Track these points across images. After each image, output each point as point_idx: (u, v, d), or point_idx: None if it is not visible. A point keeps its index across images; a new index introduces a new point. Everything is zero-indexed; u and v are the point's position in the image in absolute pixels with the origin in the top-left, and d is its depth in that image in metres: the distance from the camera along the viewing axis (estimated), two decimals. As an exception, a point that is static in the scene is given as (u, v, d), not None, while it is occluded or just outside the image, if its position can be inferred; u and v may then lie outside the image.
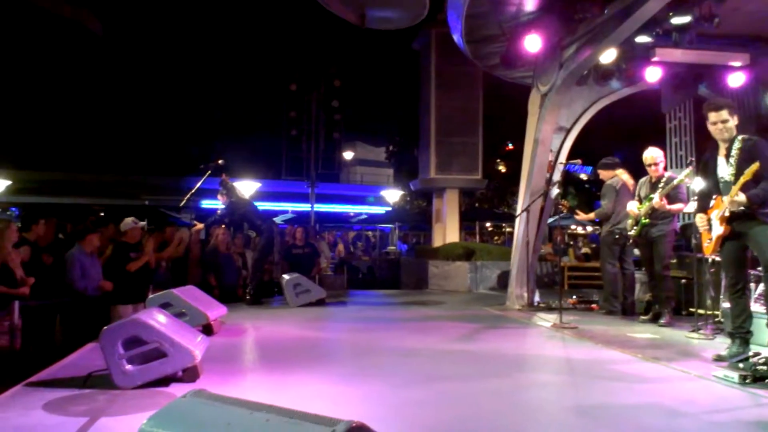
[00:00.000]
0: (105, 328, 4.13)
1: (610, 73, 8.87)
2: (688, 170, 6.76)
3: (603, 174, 8.08)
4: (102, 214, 9.54)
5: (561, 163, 8.79)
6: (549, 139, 8.88)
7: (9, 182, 20.15)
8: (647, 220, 7.00)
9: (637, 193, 7.34)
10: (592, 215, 8.11)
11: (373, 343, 6.20)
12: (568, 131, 9.22)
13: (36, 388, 4.14)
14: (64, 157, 29.57)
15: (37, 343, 6.42)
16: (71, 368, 4.71)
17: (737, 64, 8.51)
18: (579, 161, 9.02)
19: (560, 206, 8.68)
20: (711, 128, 4.96)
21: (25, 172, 24.40)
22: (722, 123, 4.88)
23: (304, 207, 25.50)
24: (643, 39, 8.01)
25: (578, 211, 8.45)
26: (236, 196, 9.60)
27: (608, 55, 8.35)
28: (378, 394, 4.04)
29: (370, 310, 9.27)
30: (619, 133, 21.02)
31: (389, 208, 27.61)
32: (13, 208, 18.78)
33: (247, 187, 18.63)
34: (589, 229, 30.10)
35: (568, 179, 24.33)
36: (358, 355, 5.58)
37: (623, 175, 7.94)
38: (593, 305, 8.61)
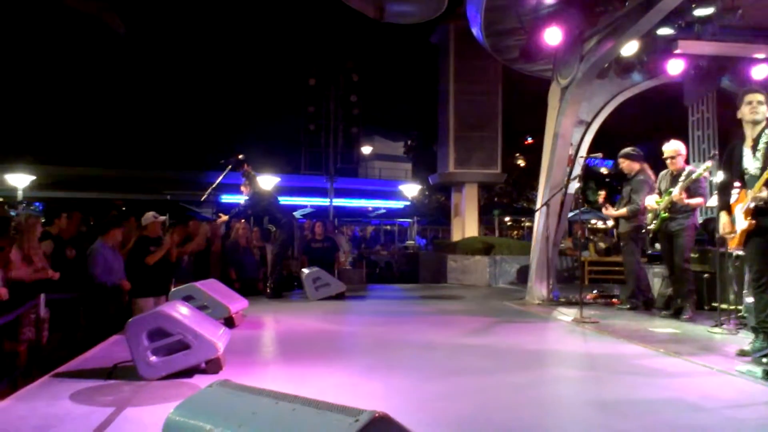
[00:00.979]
0: (130, 320, 4.20)
1: (631, 66, 8.78)
2: (708, 164, 6.68)
3: (627, 165, 7.79)
4: (123, 208, 9.65)
5: (581, 156, 8.72)
6: (569, 132, 8.82)
7: (33, 177, 20.49)
8: (666, 214, 6.94)
9: (657, 187, 7.28)
10: (624, 211, 7.69)
11: (393, 336, 6.23)
12: (589, 125, 9.16)
13: (63, 378, 4.23)
14: (86, 152, 29.97)
15: (61, 335, 6.56)
16: (96, 360, 4.81)
17: (761, 56, 8.38)
18: (600, 154, 8.93)
19: (580, 200, 8.60)
20: (744, 109, 4.86)
21: (49, 167, 24.79)
22: (758, 103, 4.80)
23: (323, 201, 25.61)
24: (665, 31, 7.92)
25: (608, 206, 8.08)
26: (259, 187, 9.70)
27: (630, 48, 8.28)
28: (398, 387, 4.07)
29: (389, 303, 9.31)
30: (640, 127, 20.81)
31: (407, 203, 27.62)
32: (37, 203, 19.08)
33: (266, 181, 18.69)
34: (610, 223, 29.87)
35: (589, 173, 24.09)
36: (378, 349, 5.61)
37: (649, 170, 7.81)
38: (614, 300, 8.56)
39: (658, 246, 7.65)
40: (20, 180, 20.03)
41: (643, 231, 7.53)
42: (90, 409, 3.52)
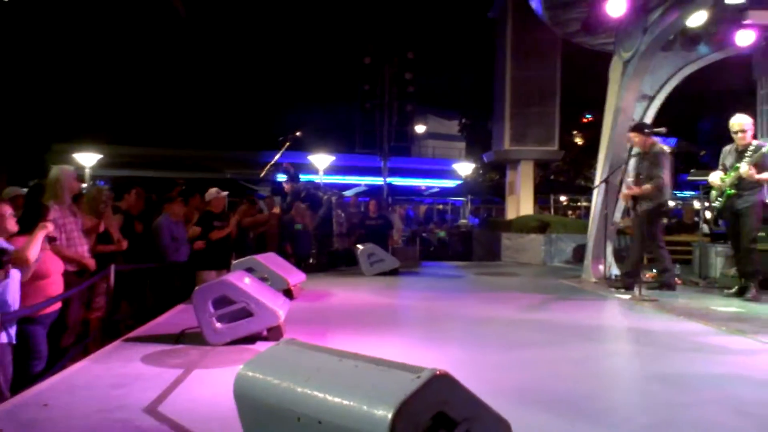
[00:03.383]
0: (197, 288, 4.38)
1: (697, 38, 8.45)
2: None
3: (640, 140, 7.33)
4: (183, 187, 9.96)
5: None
6: (631, 107, 8.60)
7: (100, 156, 21.30)
8: (733, 191, 6.70)
9: (721, 162, 7.03)
10: (648, 187, 7.12)
11: (448, 310, 6.29)
12: (652, 99, 8.89)
13: (134, 343, 4.46)
14: (150, 133, 30.88)
15: (129, 305, 6.87)
16: (164, 326, 5.04)
17: (839, 25, 7.93)
18: (664, 130, 8.61)
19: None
20: None
21: (114, 147, 25.67)
22: None
23: (376, 180, 25.71)
24: (734, 0, 7.58)
25: (631, 187, 7.39)
26: (299, 181, 10.16)
27: (696, 19, 7.95)
28: (455, 357, 4.13)
29: (442, 280, 9.36)
30: (705, 101, 20.02)
31: (461, 182, 27.42)
32: (101, 182, 19.86)
33: (321, 160, 18.94)
34: (671, 203, 28.95)
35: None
36: (433, 322, 5.68)
37: (661, 144, 7.44)
38: (675, 279, 8.35)
39: (722, 224, 7.41)
40: (88, 159, 20.86)
41: (665, 210, 7.24)
42: (161, 370, 3.71)
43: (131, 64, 31.04)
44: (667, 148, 7.45)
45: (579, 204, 30.26)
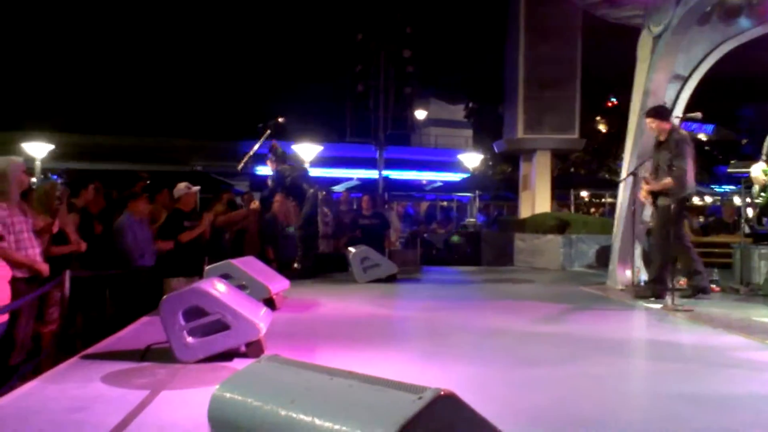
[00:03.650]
0: (165, 297, 4.39)
1: (738, 10, 8.47)
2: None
3: (657, 125, 7.40)
4: (148, 182, 9.93)
5: (677, 117, 8.52)
6: (662, 89, 8.62)
7: (52, 146, 21.24)
8: (779, 186, 6.75)
9: (764, 153, 7.07)
10: (669, 181, 7.14)
11: (453, 322, 6.31)
12: (686, 80, 8.91)
13: (93, 360, 4.47)
14: (111, 119, 30.81)
15: (86, 316, 6.87)
16: (128, 341, 5.05)
17: None
18: (699, 115, 8.63)
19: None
20: None
21: (70, 135, 25.66)
22: None
23: (371, 173, 25.76)
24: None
25: (649, 180, 7.42)
26: (286, 162, 10.06)
27: (737, -13, 8.00)
28: (461, 375, 4.15)
29: (447, 287, 9.39)
30: (748, 84, 20.12)
31: (467, 175, 27.46)
32: (54, 176, 19.83)
33: (306, 151, 18.92)
34: (708, 199, 29.12)
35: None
36: (436, 335, 5.70)
37: (681, 130, 7.45)
38: (712, 286, 8.39)
39: (766, 222, 7.46)
40: (38, 149, 20.77)
41: (688, 203, 7.25)
42: (124, 391, 3.72)
43: (86, 40, 30.95)
44: (703, 136, 7.49)
45: (603, 200, 30.38)
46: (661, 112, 7.53)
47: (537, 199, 16.17)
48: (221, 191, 11.03)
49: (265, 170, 18.00)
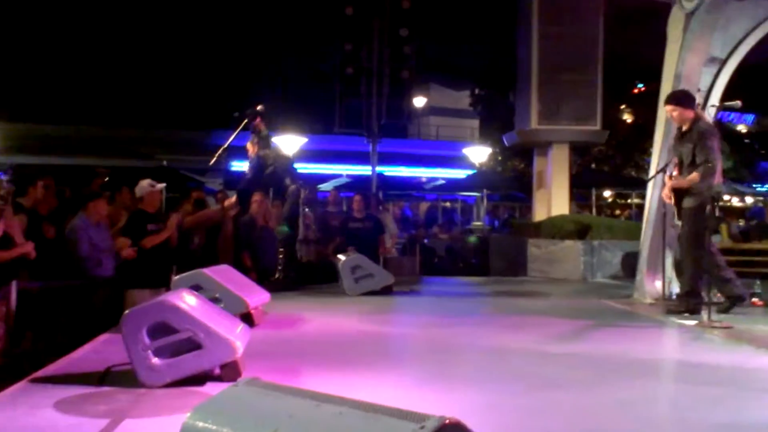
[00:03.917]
0: (127, 312, 4.38)
1: (784, -18, 8.54)
2: None
3: (679, 114, 7.40)
4: (107, 179, 9.95)
5: (712, 106, 8.56)
6: (696, 74, 8.66)
7: (-5, 138, 21.19)
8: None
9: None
10: (696, 176, 7.13)
11: (456, 340, 6.33)
12: (723, 64, 8.94)
13: (44, 384, 4.45)
14: (63, 107, 30.68)
15: (39, 333, 6.86)
16: (84, 362, 5.04)
17: None
18: (738, 103, 8.68)
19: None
20: None
21: (15, 125, 25.53)
22: None
23: (362, 169, 25.78)
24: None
25: (675, 174, 7.43)
26: (270, 149, 9.92)
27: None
28: (466, 401, 4.16)
29: (450, 301, 9.42)
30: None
31: (473, 171, 27.50)
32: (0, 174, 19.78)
33: (289, 143, 18.94)
34: (749, 200, 29.24)
35: (721, 130, 23.59)
36: (437, 355, 5.71)
37: (706, 117, 7.50)
38: (754, 300, 8.43)
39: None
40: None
41: (717, 202, 7.29)
42: (79, 420, 3.71)
43: (34, 16, 30.83)
44: (743, 127, 7.52)
45: (629, 201, 30.46)
46: (682, 98, 7.54)
47: (553, 199, 16.21)
48: (190, 189, 11.04)
49: (241, 166, 18.03)
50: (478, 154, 26.33)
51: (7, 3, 28.38)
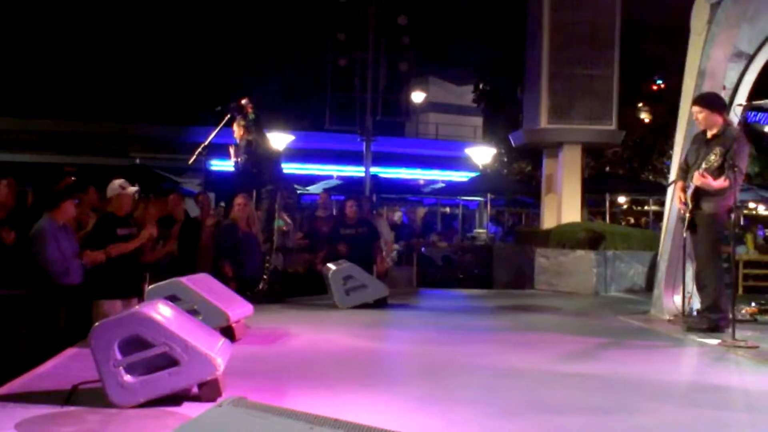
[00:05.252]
0: (96, 324, 4.38)
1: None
2: None
3: (705, 116, 7.44)
4: (73, 178, 9.93)
5: (739, 105, 8.59)
6: (721, 70, 8.70)
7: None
8: None
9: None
10: (724, 182, 7.11)
11: (457, 359, 6.33)
12: (751, 59, 8.98)
13: (4, 403, 4.43)
14: (22, 97, 30.63)
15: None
16: (49, 379, 5.03)
17: None
18: (767, 102, 8.71)
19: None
20: None
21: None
22: None
23: (355, 171, 25.81)
24: None
25: (705, 173, 7.29)
26: (260, 134, 9.90)
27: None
28: (467, 424, 4.18)
29: (449, 315, 9.45)
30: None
31: (476, 174, 27.53)
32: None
33: (275, 141, 18.96)
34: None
35: (748, 132, 23.63)
36: (435, 375, 5.71)
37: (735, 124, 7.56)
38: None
39: None
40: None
41: (733, 213, 7.37)
42: (45, 442, 3.72)
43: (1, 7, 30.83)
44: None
45: (646, 208, 30.50)
46: (712, 101, 7.59)
47: (563, 205, 16.21)
48: (165, 191, 11.01)
49: (223, 165, 18.01)
50: (482, 154, 26.40)
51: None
